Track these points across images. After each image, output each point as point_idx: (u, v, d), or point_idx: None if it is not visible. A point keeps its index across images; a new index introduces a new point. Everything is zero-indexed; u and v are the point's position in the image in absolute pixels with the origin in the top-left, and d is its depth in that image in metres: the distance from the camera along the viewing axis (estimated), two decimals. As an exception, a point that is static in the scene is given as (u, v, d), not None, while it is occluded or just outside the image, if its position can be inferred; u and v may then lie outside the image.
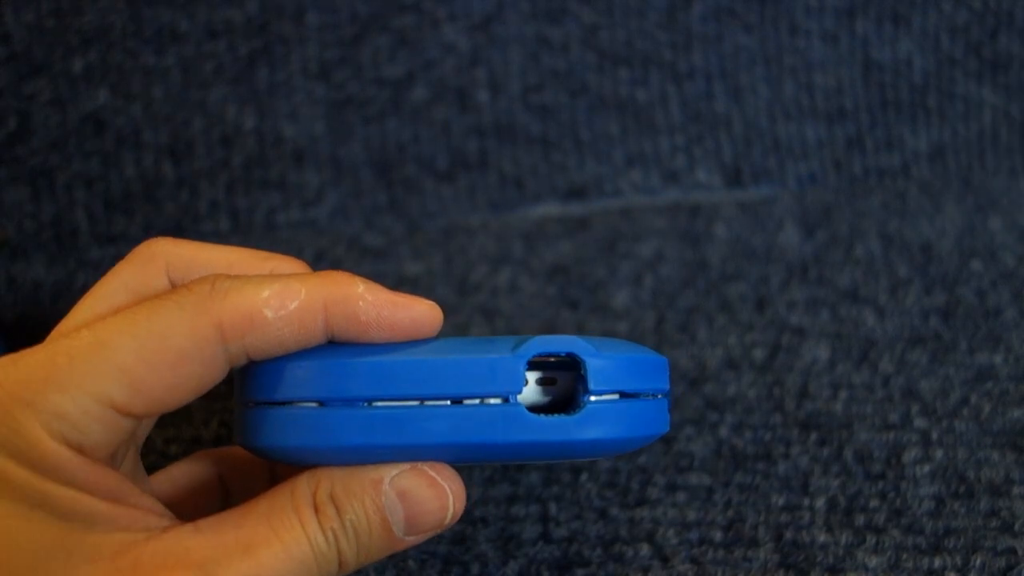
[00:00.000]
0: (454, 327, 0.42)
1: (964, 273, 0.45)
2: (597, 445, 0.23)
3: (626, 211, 0.50)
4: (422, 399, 0.22)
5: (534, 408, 0.22)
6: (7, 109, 0.46)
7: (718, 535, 0.32)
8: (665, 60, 0.51)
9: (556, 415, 0.22)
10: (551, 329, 0.42)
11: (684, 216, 0.49)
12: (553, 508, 0.32)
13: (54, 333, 0.24)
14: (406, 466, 0.23)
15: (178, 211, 0.48)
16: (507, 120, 0.50)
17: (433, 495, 0.23)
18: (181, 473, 0.27)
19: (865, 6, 0.51)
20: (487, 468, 0.34)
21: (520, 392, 0.22)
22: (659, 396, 0.24)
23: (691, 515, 0.32)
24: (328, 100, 0.49)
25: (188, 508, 0.26)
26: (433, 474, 0.23)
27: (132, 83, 0.47)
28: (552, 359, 0.23)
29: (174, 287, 0.25)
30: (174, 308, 0.21)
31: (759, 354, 0.40)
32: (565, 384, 0.23)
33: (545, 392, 0.23)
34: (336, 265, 0.46)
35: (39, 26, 0.46)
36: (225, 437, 0.36)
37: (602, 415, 0.23)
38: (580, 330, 0.42)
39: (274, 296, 0.22)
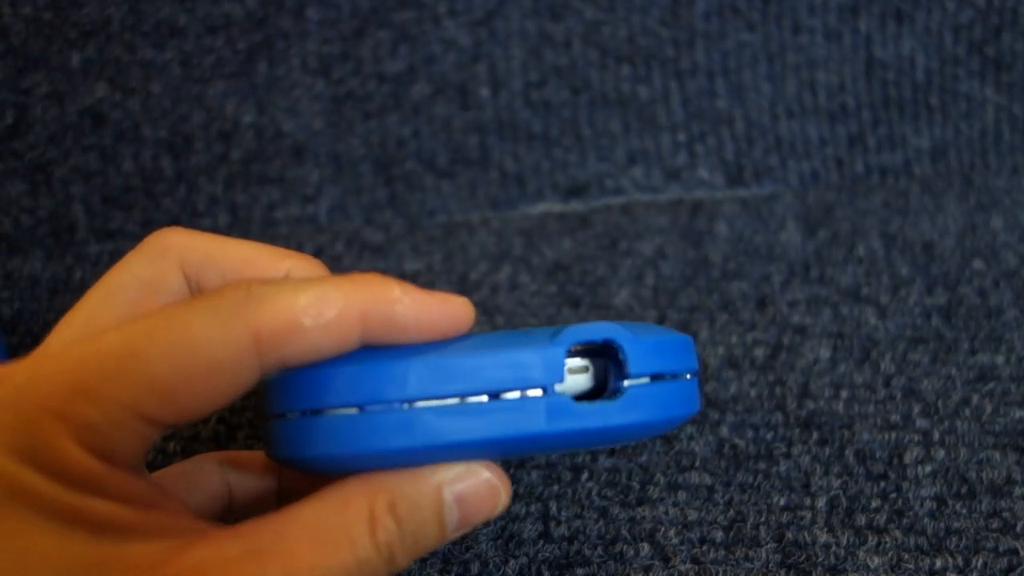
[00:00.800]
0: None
1: (966, 272, 0.45)
2: (638, 428, 0.23)
3: (627, 209, 0.50)
4: (463, 396, 0.21)
5: (572, 397, 0.22)
6: (5, 103, 0.46)
7: (719, 535, 0.31)
8: (667, 57, 0.50)
9: (599, 401, 0.22)
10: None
11: (685, 214, 0.49)
12: (554, 507, 0.32)
13: (62, 324, 0.23)
14: (460, 468, 0.22)
15: (177, 206, 0.48)
16: (508, 116, 0.50)
17: (488, 495, 0.22)
18: (182, 472, 0.26)
19: (868, 4, 0.51)
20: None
21: (562, 381, 0.22)
22: (690, 376, 0.24)
23: (692, 514, 0.32)
24: (328, 95, 0.49)
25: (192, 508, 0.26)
26: (489, 474, 0.22)
27: (131, 77, 0.47)
28: (582, 347, 0.23)
29: (189, 282, 0.24)
30: (209, 315, 0.20)
31: (760, 353, 0.40)
32: (598, 369, 0.23)
33: (580, 379, 0.23)
34: (335, 262, 0.46)
35: (37, 19, 0.46)
36: (224, 434, 0.36)
37: (643, 399, 0.23)
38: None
39: (312, 304, 0.21)
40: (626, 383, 0.23)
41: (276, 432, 0.22)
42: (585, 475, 0.34)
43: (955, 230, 0.48)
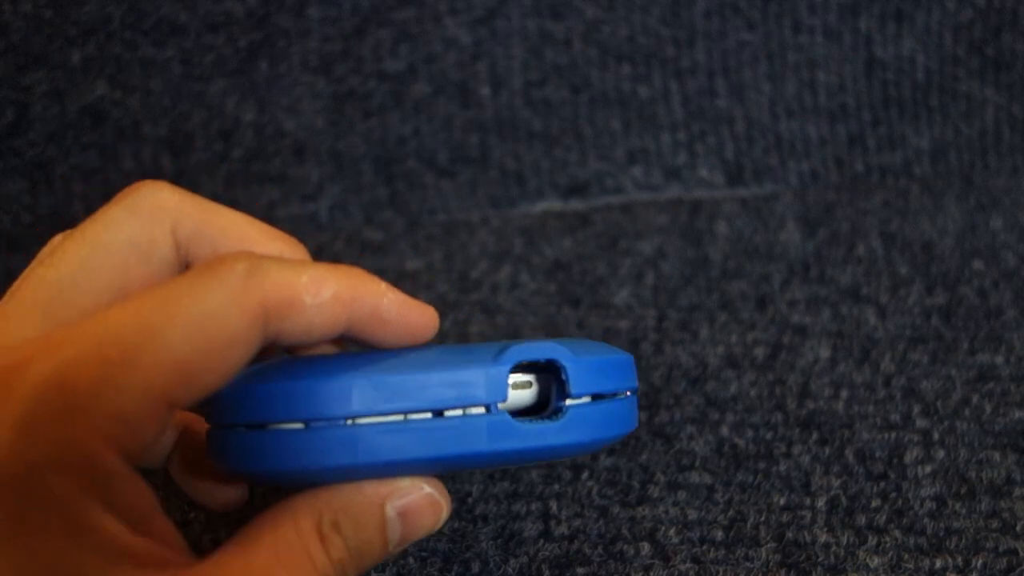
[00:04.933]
0: (454, 323, 0.42)
1: (966, 272, 0.45)
2: (577, 447, 0.23)
3: (627, 208, 0.50)
4: (406, 413, 0.22)
5: (513, 413, 0.23)
6: (5, 101, 0.46)
7: (719, 534, 0.31)
8: (667, 56, 0.50)
9: (539, 421, 0.23)
10: (552, 326, 0.42)
11: (685, 213, 0.49)
12: (554, 506, 0.32)
13: (41, 277, 0.22)
14: (403, 483, 0.22)
15: (177, 204, 0.48)
16: (508, 115, 0.50)
17: (430, 511, 0.23)
18: None
19: (868, 4, 0.51)
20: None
21: (505, 400, 0.22)
22: (629, 394, 0.24)
23: (692, 514, 0.32)
24: (328, 94, 0.49)
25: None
26: (430, 490, 0.23)
27: (131, 75, 0.47)
28: (528, 362, 0.23)
29: (178, 249, 0.23)
30: (219, 287, 0.20)
31: (760, 353, 0.40)
32: (540, 385, 0.24)
33: (524, 394, 0.23)
34: (336, 259, 0.46)
35: (37, 17, 0.46)
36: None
37: (582, 419, 0.23)
38: (581, 327, 0.42)
39: (312, 283, 0.21)
40: (567, 402, 0.23)
41: (221, 443, 0.22)
42: (585, 474, 0.34)
43: (955, 230, 0.48)
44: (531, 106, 0.50)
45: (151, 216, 0.23)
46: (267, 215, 0.49)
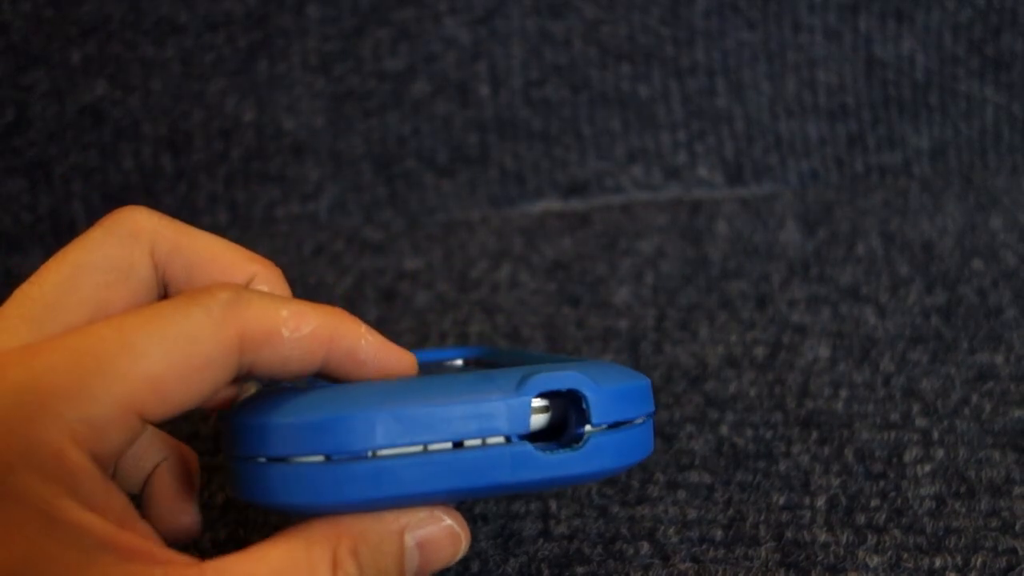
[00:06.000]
0: (454, 323, 0.42)
1: (965, 272, 0.45)
2: (597, 475, 0.24)
3: (627, 207, 0.50)
4: (426, 444, 0.22)
5: (531, 437, 0.23)
6: (5, 100, 0.46)
7: (719, 533, 0.31)
8: (667, 55, 0.50)
9: (560, 451, 0.23)
10: (551, 326, 0.42)
11: (685, 213, 0.49)
12: (553, 505, 0.32)
13: (23, 298, 0.23)
14: (423, 513, 0.23)
15: (176, 204, 0.48)
16: (508, 115, 0.50)
17: (449, 543, 0.23)
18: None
19: (868, 3, 0.51)
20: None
21: (527, 432, 0.22)
22: (645, 418, 0.24)
23: (692, 513, 0.32)
24: (328, 93, 0.49)
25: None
26: (450, 522, 0.23)
27: (131, 75, 0.47)
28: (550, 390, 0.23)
29: (156, 270, 0.24)
30: (201, 312, 0.21)
31: (760, 352, 0.40)
32: (558, 410, 0.23)
33: (540, 419, 0.23)
34: (335, 260, 0.46)
35: (37, 16, 0.46)
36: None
37: (603, 447, 0.23)
38: (580, 327, 0.42)
39: (292, 317, 0.22)
40: (587, 429, 0.23)
41: (240, 474, 0.22)
42: (585, 474, 0.34)
43: (954, 229, 0.48)
44: (531, 106, 0.50)
45: (130, 237, 0.24)
46: (266, 214, 0.49)
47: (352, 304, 0.43)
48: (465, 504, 0.32)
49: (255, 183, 0.49)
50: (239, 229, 0.48)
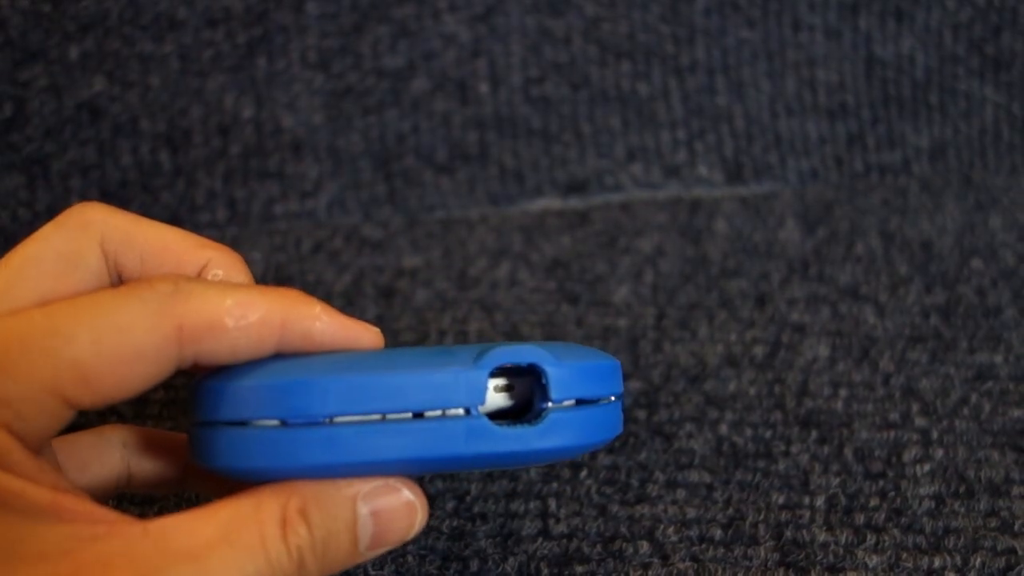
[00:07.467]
0: (453, 321, 0.42)
1: (964, 271, 0.45)
2: (557, 452, 0.23)
3: (626, 205, 0.50)
4: (384, 414, 0.22)
5: (493, 415, 0.23)
6: (2, 96, 0.46)
7: (718, 533, 0.31)
8: (667, 54, 0.50)
9: (518, 425, 0.22)
10: (551, 324, 0.42)
11: (685, 211, 0.49)
12: (553, 504, 0.32)
13: None
14: (378, 482, 0.22)
15: (175, 200, 0.48)
16: (507, 112, 0.50)
17: (404, 513, 0.23)
18: (81, 444, 0.26)
19: (868, 2, 0.51)
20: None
21: (483, 404, 0.22)
22: (613, 400, 0.24)
23: (691, 512, 0.32)
24: (327, 90, 0.49)
25: (84, 483, 0.25)
26: (407, 492, 0.23)
27: (129, 71, 0.47)
28: (509, 365, 0.23)
29: (107, 260, 0.24)
30: (136, 303, 0.21)
31: (759, 351, 0.40)
32: (522, 389, 0.23)
33: (503, 398, 0.23)
34: (334, 257, 0.46)
35: (35, 12, 0.46)
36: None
37: (563, 423, 0.23)
38: (580, 325, 0.42)
39: (236, 306, 0.22)
40: (548, 406, 0.23)
41: (200, 439, 0.23)
42: (584, 472, 0.34)
43: (954, 229, 0.48)
44: (530, 103, 0.50)
45: (79, 229, 0.24)
46: (265, 211, 0.49)
47: (351, 302, 0.43)
48: (464, 502, 0.32)
49: (254, 180, 0.48)
50: (237, 226, 0.48)
